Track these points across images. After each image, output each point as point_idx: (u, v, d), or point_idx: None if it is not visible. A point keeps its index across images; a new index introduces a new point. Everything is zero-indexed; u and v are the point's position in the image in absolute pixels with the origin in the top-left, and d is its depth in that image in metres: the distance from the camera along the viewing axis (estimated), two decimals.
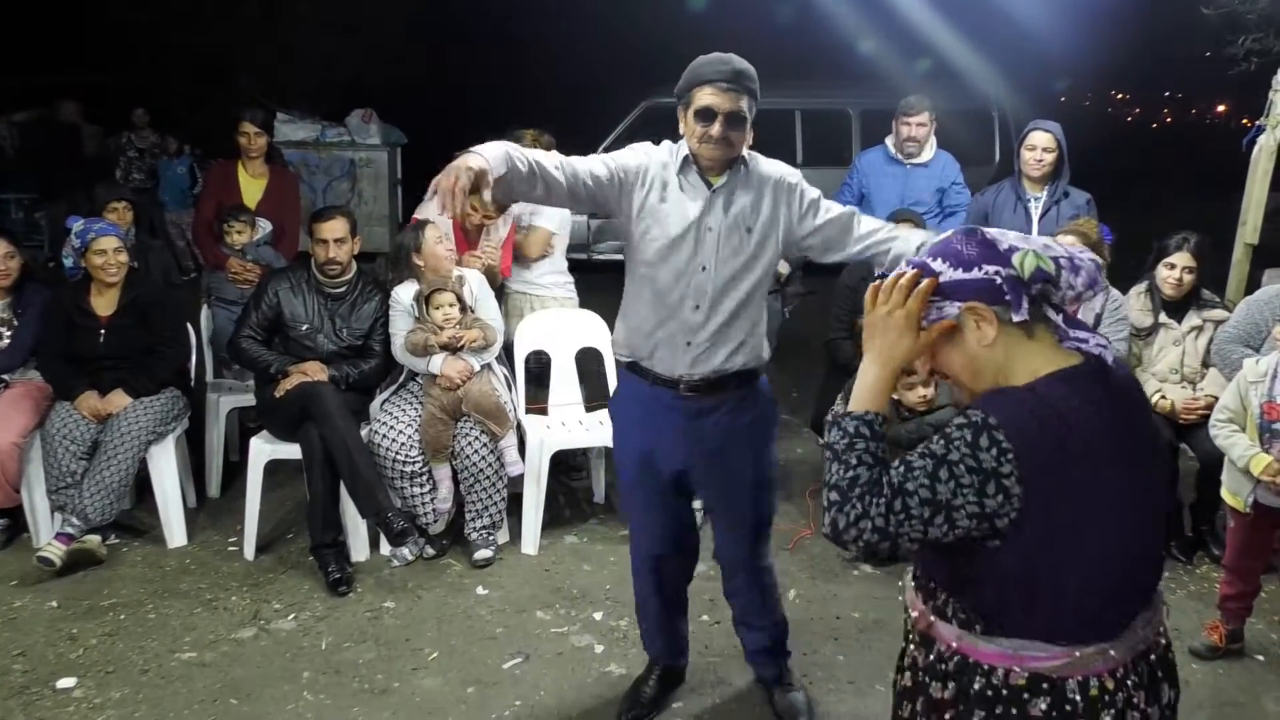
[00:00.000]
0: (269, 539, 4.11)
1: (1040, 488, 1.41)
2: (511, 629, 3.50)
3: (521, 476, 4.04)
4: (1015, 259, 1.51)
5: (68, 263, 4.10)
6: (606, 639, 3.43)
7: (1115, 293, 4.11)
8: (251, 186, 5.07)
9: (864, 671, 3.25)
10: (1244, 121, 17.23)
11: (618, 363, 2.82)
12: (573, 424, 4.31)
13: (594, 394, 4.54)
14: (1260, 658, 3.37)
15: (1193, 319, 4.07)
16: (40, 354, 4.09)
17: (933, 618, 1.60)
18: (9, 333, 4.12)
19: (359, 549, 3.96)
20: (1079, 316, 1.64)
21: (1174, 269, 4.00)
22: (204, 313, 4.78)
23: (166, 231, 8.25)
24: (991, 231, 1.56)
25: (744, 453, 2.79)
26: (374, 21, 12.42)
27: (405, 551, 3.90)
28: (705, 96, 2.49)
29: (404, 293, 4.02)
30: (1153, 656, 1.54)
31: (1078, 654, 1.47)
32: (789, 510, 4.52)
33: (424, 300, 3.95)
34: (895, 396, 3.96)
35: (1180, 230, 4.08)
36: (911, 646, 1.67)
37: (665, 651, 3.05)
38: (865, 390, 1.56)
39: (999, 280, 1.50)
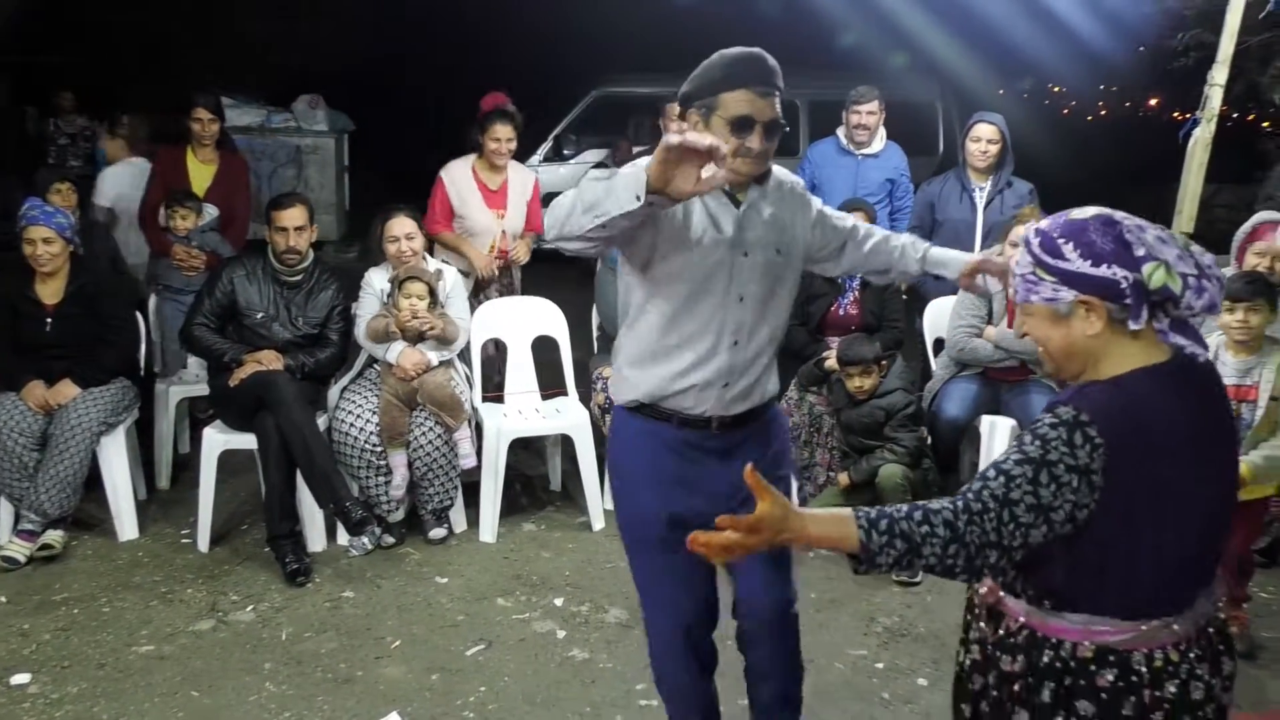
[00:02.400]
0: (223, 531, 4.06)
1: (1123, 480, 1.46)
2: (473, 616, 3.51)
3: (478, 466, 4.06)
4: (1146, 269, 1.50)
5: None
6: (568, 624, 3.46)
7: None
8: (201, 172, 4.98)
9: (823, 649, 3.32)
10: (1175, 115, 17.74)
11: (621, 409, 2.40)
12: (529, 412, 4.32)
13: (550, 382, 4.55)
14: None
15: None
16: None
17: (1001, 593, 1.65)
18: None
19: (316, 539, 3.94)
20: None
21: None
22: (151, 301, 4.69)
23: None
24: (1130, 226, 1.53)
25: (775, 482, 2.51)
26: (320, 5, 12.22)
27: (364, 540, 3.89)
28: (741, 103, 2.12)
29: (377, 277, 4.03)
30: (1212, 630, 1.60)
31: (1144, 628, 1.53)
32: None
33: (395, 286, 3.94)
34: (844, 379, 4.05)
35: None
36: (979, 621, 1.71)
37: None
38: (834, 533, 1.50)
39: (1124, 285, 1.50)
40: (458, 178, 4.61)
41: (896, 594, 3.71)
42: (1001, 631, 1.65)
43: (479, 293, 4.64)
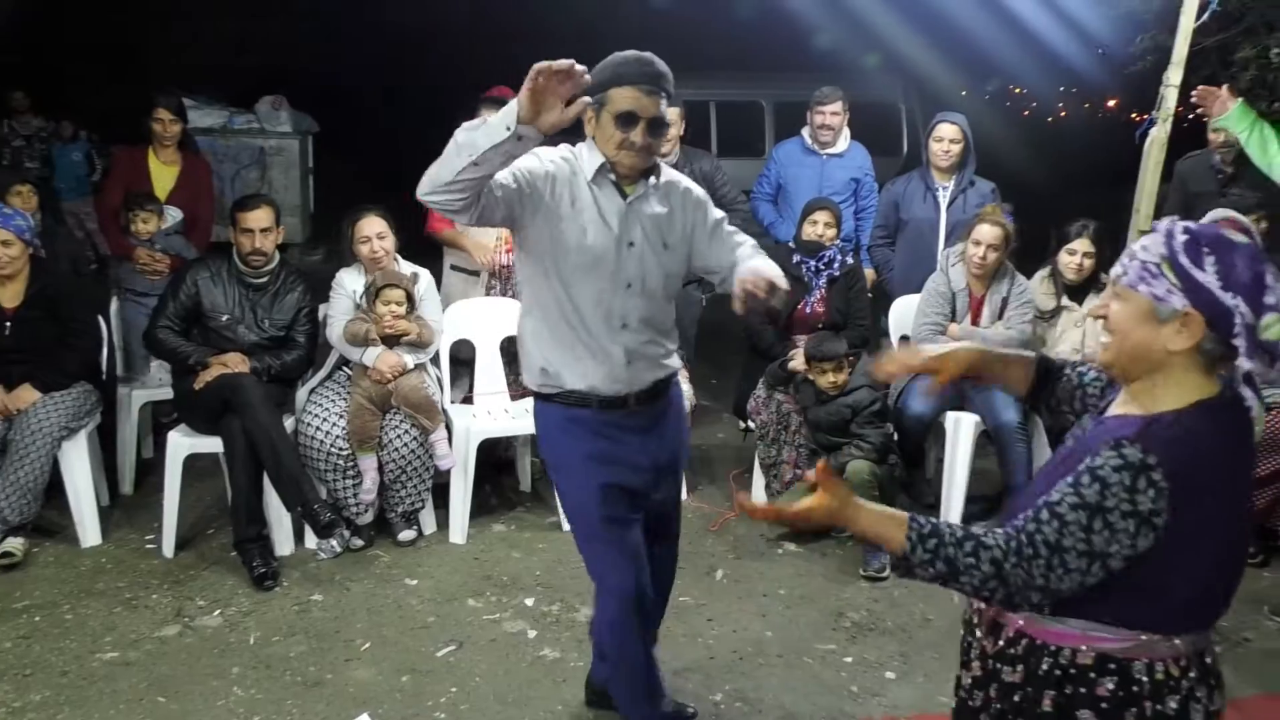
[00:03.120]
0: (188, 535, 4.02)
1: (1182, 522, 1.44)
2: (443, 617, 3.50)
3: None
4: (1268, 318, 1.45)
5: None
6: (539, 624, 3.46)
7: (1021, 278, 4.30)
8: (163, 174, 4.93)
9: (792, 645, 3.35)
10: (1133, 116, 18.03)
11: (542, 398, 2.53)
12: (498, 413, 4.32)
13: (519, 382, 4.55)
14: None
15: (1093, 302, 4.29)
16: None
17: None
18: None
19: (283, 542, 3.90)
20: None
21: (1074, 254, 4.21)
22: (114, 304, 4.63)
23: (64, 221, 7.90)
24: (1276, 272, 1.48)
25: (682, 454, 2.75)
26: (284, 5, 12.11)
27: (332, 544, 3.87)
28: (627, 99, 2.30)
29: (349, 278, 4.01)
30: (1208, 660, 1.58)
31: (1143, 638, 1.51)
32: (712, 493, 4.62)
33: (373, 293, 3.92)
34: (811, 378, 4.08)
35: (1079, 218, 4.30)
36: (977, 635, 1.71)
37: (659, 712, 2.78)
38: (881, 530, 1.55)
39: (1238, 321, 1.45)
40: None
41: (865, 589, 3.74)
42: (1001, 643, 1.64)
43: (489, 292, 4.58)
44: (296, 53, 12.26)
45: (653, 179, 2.44)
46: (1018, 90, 32.53)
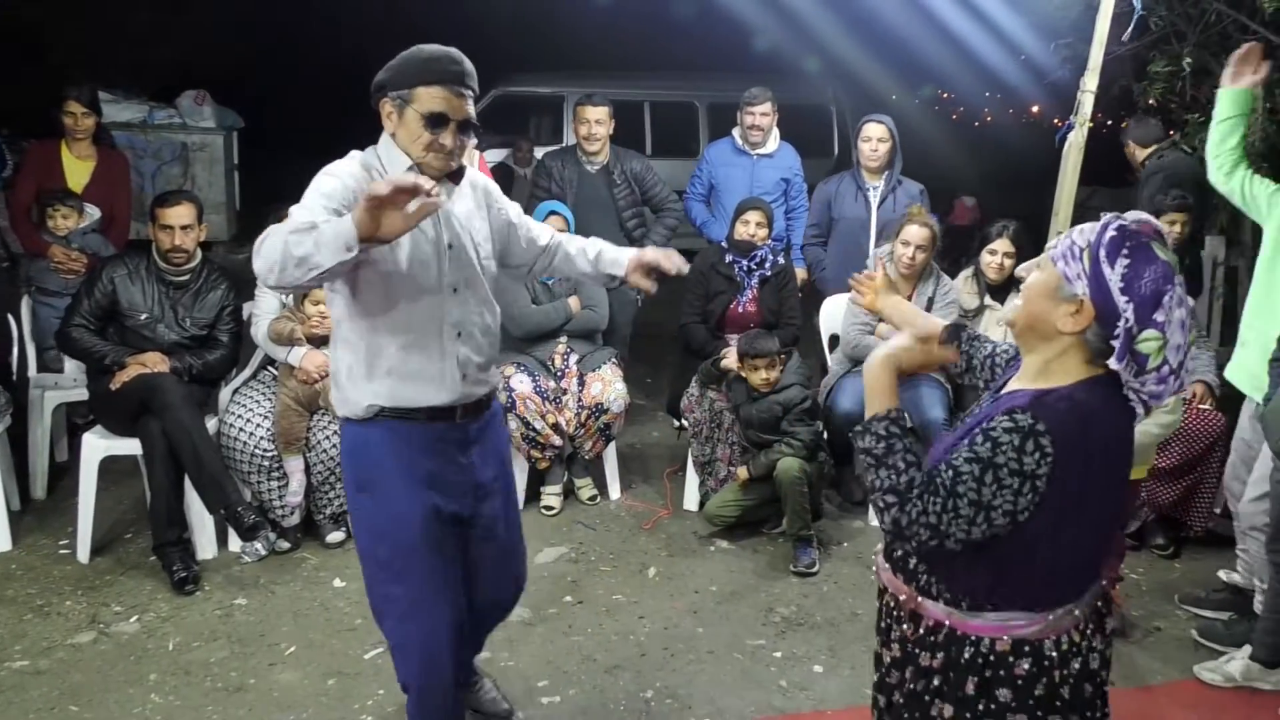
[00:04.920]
0: (104, 540, 3.90)
1: (1062, 488, 1.53)
2: (370, 620, 3.38)
3: None
4: (1148, 333, 1.53)
5: None
6: None
7: (946, 278, 4.39)
8: (77, 169, 4.76)
9: (722, 641, 3.37)
10: (1056, 121, 18.53)
11: (356, 420, 2.35)
12: None
13: None
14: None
15: (1014, 300, 4.39)
16: None
17: (920, 598, 1.72)
18: None
19: (206, 546, 3.81)
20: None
21: (995, 254, 4.31)
22: (25, 303, 4.47)
23: None
24: (1178, 297, 1.55)
25: (509, 467, 2.67)
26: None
27: (257, 546, 3.78)
28: (436, 99, 2.19)
29: None
30: (1099, 604, 1.71)
31: (1050, 618, 1.63)
32: (646, 491, 4.63)
33: (301, 292, 3.83)
34: (743, 375, 4.11)
35: (1000, 219, 4.41)
36: (895, 623, 1.80)
37: None
38: (882, 391, 1.67)
39: (1123, 327, 1.54)
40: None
41: (795, 585, 3.78)
42: (921, 631, 1.73)
43: None
44: (219, 48, 11.96)
45: (462, 179, 2.37)
46: (946, 95, 33.22)
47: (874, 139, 4.75)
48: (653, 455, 5.07)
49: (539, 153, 6.39)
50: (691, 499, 4.41)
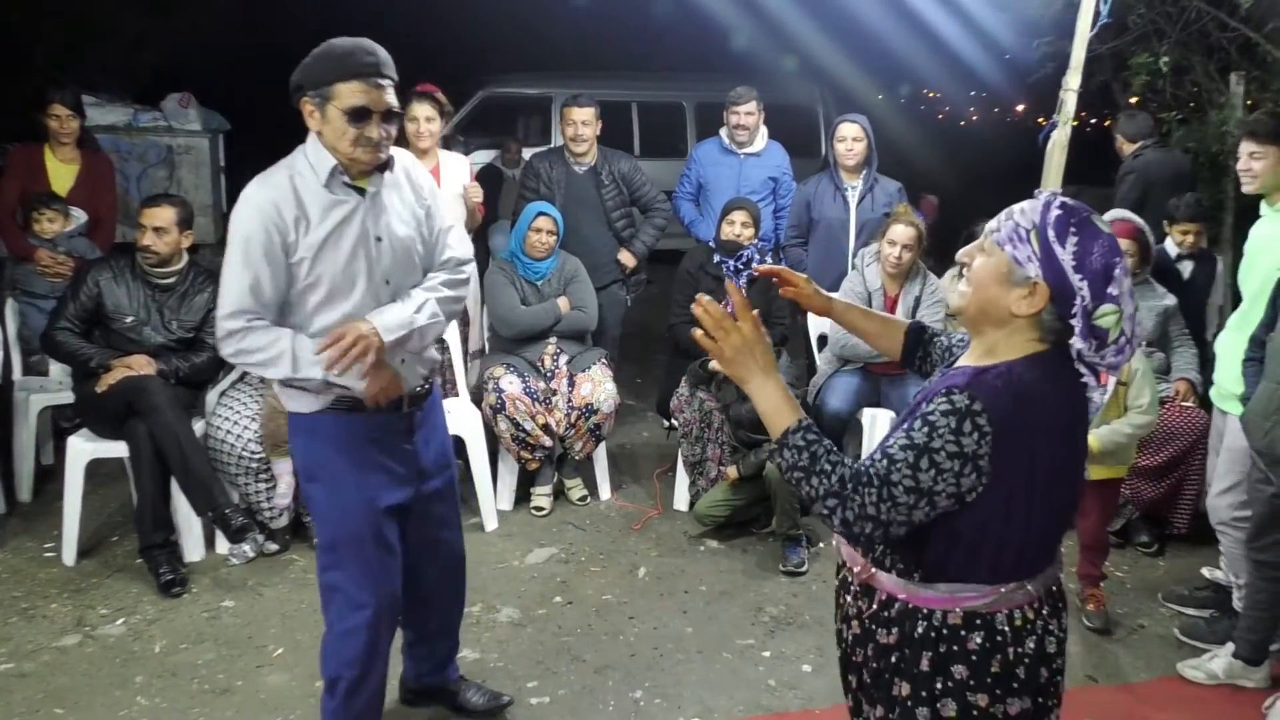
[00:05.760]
0: (91, 543, 3.88)
1: (1007, 464, 1.52)
2: None
3: None
4: (1105, 307, 1.54)
5: None
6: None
7: (933, 277, 4.41)
8: (61, 172, 4.75)
9: (711, 641, 3.38)
10: (1040, 120, 18.63)
11: (306, 415, 2.40)
12: None
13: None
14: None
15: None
16: None
17: (873, 569, 1.71)
18: None
19: (193, 548, 3.80)
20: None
21: None
22: (9, 306, 4.45)
23: None
24: (1125, 267, 1.57)
25: (449, 445, 2.71)
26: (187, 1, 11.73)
27: (245, 548, 3.77)
28: (356, 94, 2.19)
29: None
30: (1055, 589, 1.70)
31: (1003, 590, 1.61)
32: (637, 492, 4.64)
33: None
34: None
35: (986, 219, 4.42)
36: (851, 597, 1.78)
37: None
38: (779, 405, 1.62)
39: (1079, 304, 1.55)
40: None
41: (784, 584, 3.80)
42: (875, 606, 1.72)
43: None
44: (204, 50, 11.90)
45: (387, 172, 2.36)
46: (931, 94, 33.35)
47: (849, 138, 4.77)
48: (643, 455, 5.08)
49: (527, 154, 6.40)
50: (681, 499, 4.42)
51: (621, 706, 3.01)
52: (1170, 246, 4.56)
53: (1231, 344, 3.26)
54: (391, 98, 2.24)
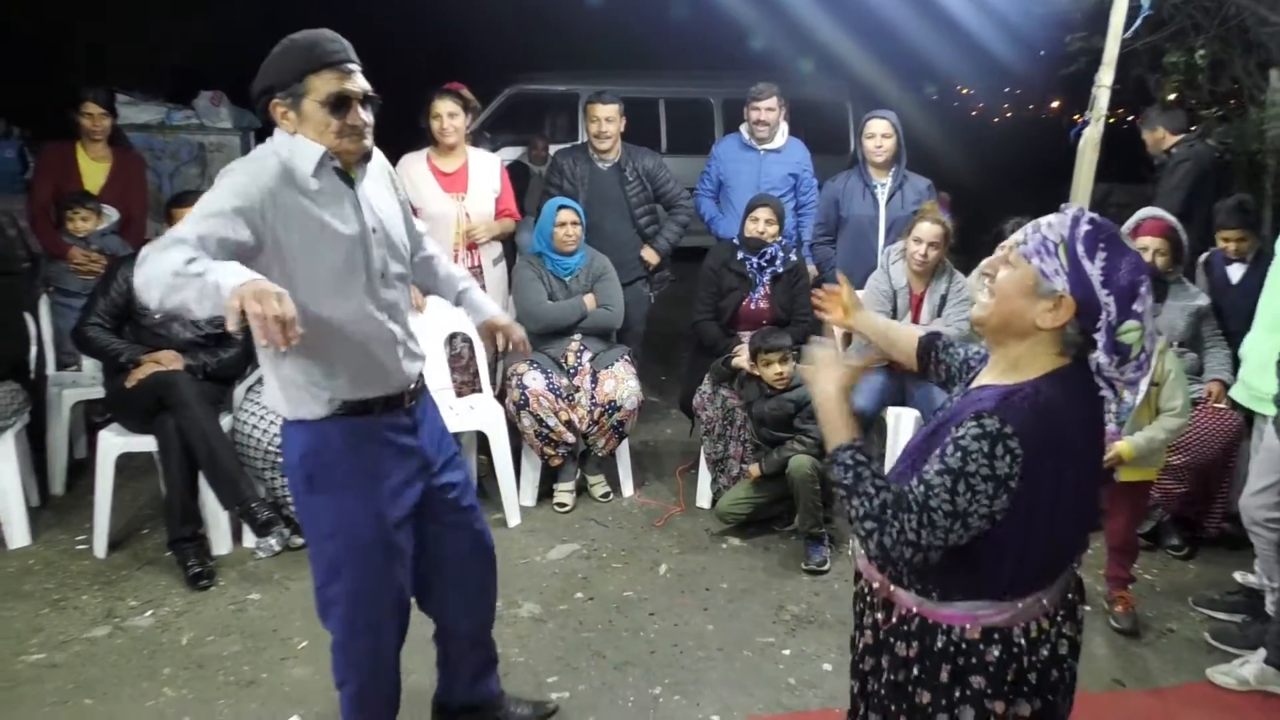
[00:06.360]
0: (121, 536, 3.94)
1: (1033, 484, 1.55)
2: None
3: None
4: (1129, 324, 1.57)
5: None
6: None
7: (960, 275, 4.37)
8: (93, 170, 4.81)
9: (732, 638, 3.37)
10: (1075, 117, 18.39)
11: (312, 420, 2.27)
12: (443, 409, 4.27)
13: (465, 380, 4.52)
14: (1087, 608, 3.67)
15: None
16: None
17: (892, 586, 1.75)
18: None
19: (220, 542, 3.84)
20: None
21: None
22: (43, 303, 4.52)
23: None
24: (1149, 285, 1.60)
25: (448, 435, 2.60)
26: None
27: (271, 542, 3.82)
28: (331, 83, 2.10)
29: None
30: (1070, 595, 1.73)
31: (1020, 605, 1.65)
32: (659, 489, 4.63)
33: None
34: (757, 373, 4.11)
35: (1015, 216, 4.38)
36: (870, 610, 1.83)
37: None
38: (839, 422, 1.70)
39: (1104, 318, 1.58)
40: (410, 169, 4.40)
41: (806, 583, 3.78)
42: (894, 620, 1.75)
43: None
44: (235, 48, 12.03)
45: (373, 160, 2.29)
46: (965, 91, 33.04)
47: (878, 135, 4.74)
48: (665, 452, 5.07)
49: (554, 150, 6.41)
50: (704, 496, 4.41)
51: (641, 703, 3.01)
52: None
53: (1259, 344, 3.20)
54: (365, 83, 2.17)
